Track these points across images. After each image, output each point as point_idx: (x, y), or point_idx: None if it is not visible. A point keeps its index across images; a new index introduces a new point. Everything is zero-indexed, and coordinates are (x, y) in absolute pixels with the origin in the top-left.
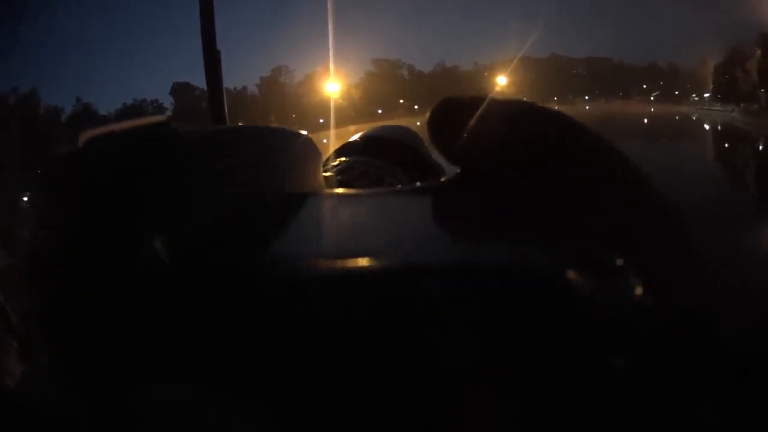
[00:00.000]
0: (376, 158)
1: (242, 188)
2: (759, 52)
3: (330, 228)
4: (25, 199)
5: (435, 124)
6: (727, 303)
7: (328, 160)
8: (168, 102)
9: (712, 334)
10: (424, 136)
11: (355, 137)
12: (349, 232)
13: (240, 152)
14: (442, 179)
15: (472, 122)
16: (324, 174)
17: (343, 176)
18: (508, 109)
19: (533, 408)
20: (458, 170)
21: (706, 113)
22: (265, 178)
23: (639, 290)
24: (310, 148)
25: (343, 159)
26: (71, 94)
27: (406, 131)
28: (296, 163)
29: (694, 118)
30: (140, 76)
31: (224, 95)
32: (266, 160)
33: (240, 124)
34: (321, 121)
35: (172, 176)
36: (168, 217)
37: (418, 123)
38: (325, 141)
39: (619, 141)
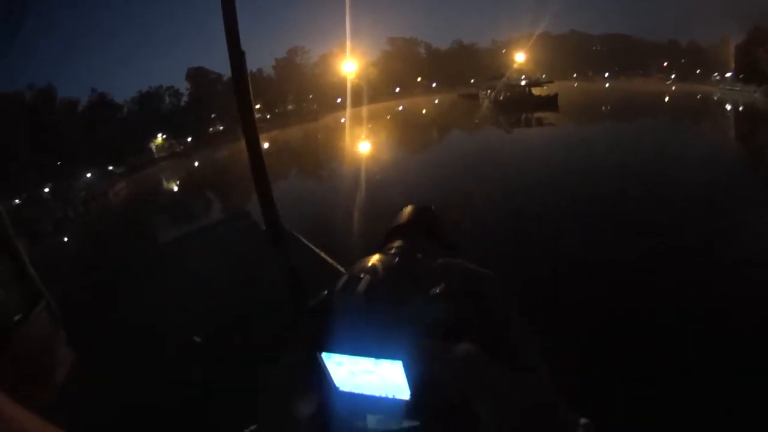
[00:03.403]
0: (415, 238)
1: None
2: None
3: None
4: (46, 190)
5: None
6: None
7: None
8: (184, 87)
9: None
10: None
11: (401, 221)
12: None
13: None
14: None
15: None
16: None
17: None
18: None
19: None
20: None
21: (728, 93)
22: None
23: None
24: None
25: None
26: (86, 84)
27: (433, 214)
28: None
29: (715, 98)
30: (154, 63)
31: (250, 90)
32: None
33: (257, 106)
34: (338, 100)
35: None
36: None
37: (437, 101)
38: (342, 120)
39: (640, 118)
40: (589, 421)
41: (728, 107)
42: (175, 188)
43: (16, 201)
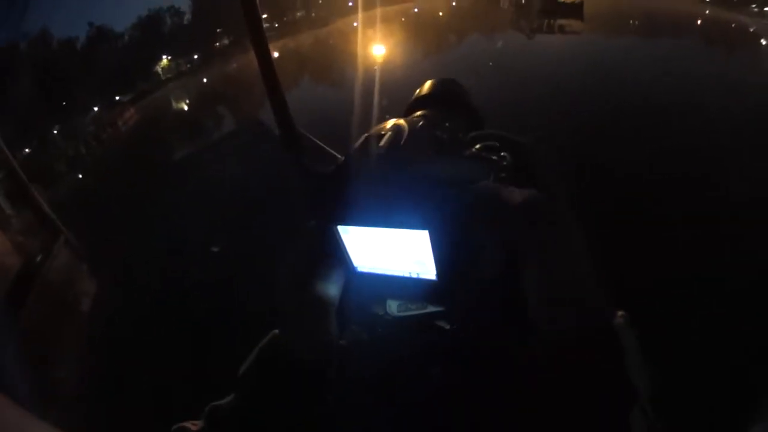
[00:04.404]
0: (440, 109)
1: None
2: None
3: None
4: (55, 132)
5: None
6: None
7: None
8: (185, 6)
9: None
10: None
11: (423, 92)
12: None
13: None
14: None
15: None
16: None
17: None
18: None
19: None
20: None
21: (765, 27)
22: None
23: None
24: None
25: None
26: (82, 20)
27: (457, 85)
28: None
29: (751, 30)
30: None
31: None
32: None
33: (264, 15)
34: (350, 3)
35: None
36: None
37: (454, 2)
38: (355, 24)
39: (667, 40)
40: (625, 313)
41: (763, 42)
42: (185, 107)
43: (26, 150)
